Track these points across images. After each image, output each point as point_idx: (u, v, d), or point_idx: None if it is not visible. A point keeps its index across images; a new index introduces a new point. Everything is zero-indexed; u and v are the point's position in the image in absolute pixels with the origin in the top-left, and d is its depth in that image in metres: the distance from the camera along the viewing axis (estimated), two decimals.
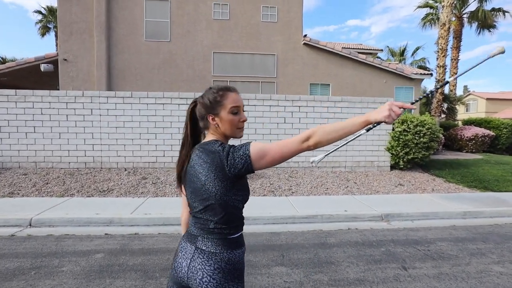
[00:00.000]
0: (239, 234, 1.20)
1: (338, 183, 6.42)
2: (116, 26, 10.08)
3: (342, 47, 12.42)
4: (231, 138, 1.24)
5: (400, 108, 1.03)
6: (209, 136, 1.23)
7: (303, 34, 11.05)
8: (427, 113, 8.25)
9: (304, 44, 10.90)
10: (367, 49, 15.58)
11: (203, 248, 1.12)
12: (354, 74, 11.12)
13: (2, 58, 23.94)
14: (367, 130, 1.11)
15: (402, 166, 7.41)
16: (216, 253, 1.11)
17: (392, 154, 7.46)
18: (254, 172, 1.12)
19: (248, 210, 4.58)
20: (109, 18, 9.97)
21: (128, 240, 3.71)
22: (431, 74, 12.12)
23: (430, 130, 7.22)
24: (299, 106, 7.25)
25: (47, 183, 5.83)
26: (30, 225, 4.19)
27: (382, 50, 17.21)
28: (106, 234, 3.93)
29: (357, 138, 7.28)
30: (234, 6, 10.61)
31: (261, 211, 4.70)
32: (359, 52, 12.53)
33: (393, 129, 7.46)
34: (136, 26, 10.21)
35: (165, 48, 10.34)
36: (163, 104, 7.00)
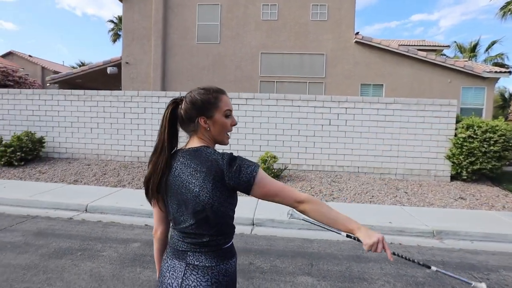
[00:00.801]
0: (231, 242, 1.14)
1: (385, 191, 5.91)
2: (171, 31, 10.77)
3: (399, 44, 11.45)
4: (217, 144, 1.16)
5: (382, 249, 1.04)
6: (195, 141, 1.11)
7: (355, 31, 10.47)
8: (500, 117, 7.12)
9: (356, 42, 10.32)
10: (430, 46, 14.13)
11: (196, 263, 1.03)
12: (412, 73, 10.16)
13: (81, 62, 27.47)
14: (347, 236, 1.13)
15: (465, 177, 6.52)
16: (212, 267, 1.04)
17: (453, 163, 6.61)
18: (248, 195, 1.06)
19: (284, 214, 4.49)
20: (165, 25, 10.70)
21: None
22: (510, 72, 10.46)
23: (503, 137, 6.22)
24: (346, 108, 6.86)
25: (104, 174, 6.46)
26: (86, 210, 4.67)
27: (448, 46, 15.45)
28: (146, 225, 4.18)
29: (409, 143, 6.60)
30: (282, 6, 10.52)
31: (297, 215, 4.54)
32: (420, 49, 11.41)
33: (455, 135, 6.61)
34: (188, 31, 10.78)
35: (214, 50, 10.72)
36: None
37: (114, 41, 28.58)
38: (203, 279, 1.01)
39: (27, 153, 6.86)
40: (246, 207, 4.84)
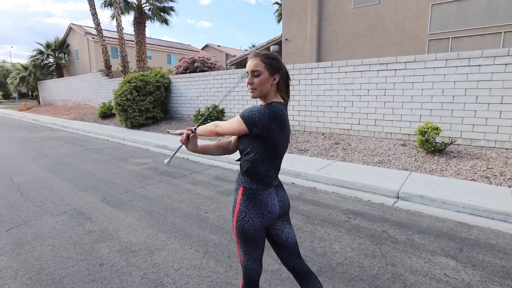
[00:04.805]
0: None
1: None
2: (326, 0, 10.63)
3: None
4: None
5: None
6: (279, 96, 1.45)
7: None
8: None
9: None
10: None
11: (278, 182, 1.50)
12: None
13: (252, 45, 31.80)
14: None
15: None
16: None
17: None
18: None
19: (439, 191, 3.92)
20: None
21: (306, 191, 4.33)
22: None
23: None
24: None
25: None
26: None
27: None
28: (292, 183, 4.76)
29: None
30: None
31: (458, 196, 3.85)
32: None
33: None
34: None
35: (372, 12, 9.78)
36: (361, 71, 6.90)
37: (278, 21, 30.94)
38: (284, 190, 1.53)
39: (212, 120, 9.05)
40: (390, 179, 4.54)
